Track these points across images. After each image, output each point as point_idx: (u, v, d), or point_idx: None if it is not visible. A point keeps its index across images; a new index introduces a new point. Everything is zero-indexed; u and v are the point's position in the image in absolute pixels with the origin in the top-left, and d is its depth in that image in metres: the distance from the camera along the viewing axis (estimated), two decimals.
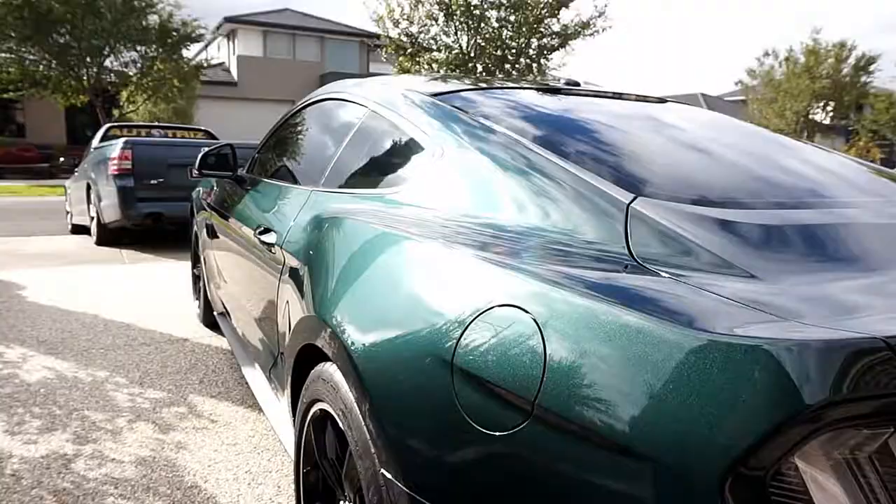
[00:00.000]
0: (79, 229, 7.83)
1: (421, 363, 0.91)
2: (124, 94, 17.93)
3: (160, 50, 17.09)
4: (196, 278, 3.67)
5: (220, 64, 26.04)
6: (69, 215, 8.23)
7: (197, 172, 2.48)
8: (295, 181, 2.01)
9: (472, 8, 13.75)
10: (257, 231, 1.89)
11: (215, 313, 3.15)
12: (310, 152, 2.12)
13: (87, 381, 2.70)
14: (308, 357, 1.38)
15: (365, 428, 1.03)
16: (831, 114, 26.06)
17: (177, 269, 5.24)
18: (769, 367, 0.58)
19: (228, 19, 26.25)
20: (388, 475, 0.94)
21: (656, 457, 0.62)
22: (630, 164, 1.14)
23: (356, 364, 1.03)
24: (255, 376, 2.25)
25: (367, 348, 1.03)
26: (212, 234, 2.78)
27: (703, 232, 0.86)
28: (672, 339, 0.65)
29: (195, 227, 3.46)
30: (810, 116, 25.10)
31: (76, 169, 7.70)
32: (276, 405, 1.95)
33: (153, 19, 16.81)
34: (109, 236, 6.16)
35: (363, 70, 29.30)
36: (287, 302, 1.58)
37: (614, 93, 1.87)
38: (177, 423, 2.35)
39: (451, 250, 1.00)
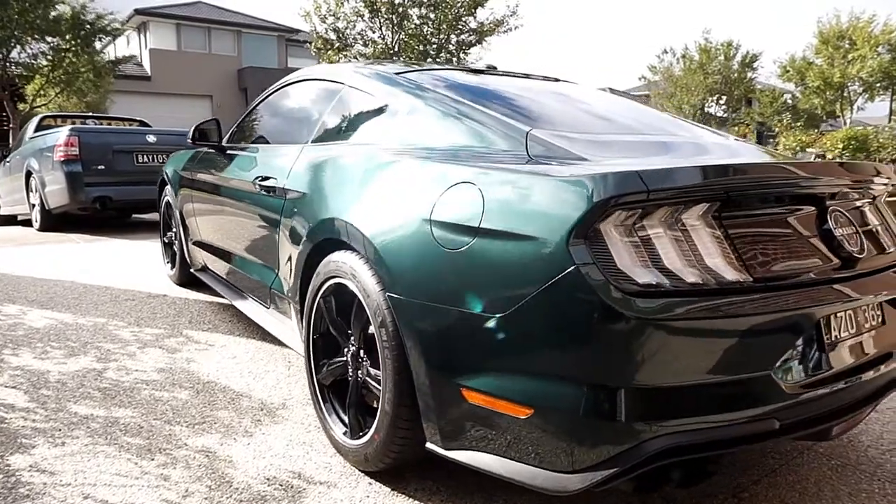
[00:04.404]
0: (6, 220, 7.86)
1: (409, 223, 1.55)
2: (31, 87, 17.22)
3: (72, 42, 16.56)
4: (167, 245, 4.11)
5: (132, 57, 25.20)
6: None
7: (191, 142, 2.99)
8: (282, 142, 2.59)
9: (395, 5, 14.43)
10: (257, 180, 2.46)
11: (193, 270, 3.64)
12: (294, 120, 2.70)
13: (89, 325, 3.14)
14: (314, 256, 1.98)
15: (374, 277, 1.65)
16: (723, 107, 28.55)
17: (131, 247, 5.57)
18: (585, 186, 1.26)
19: (139, 11, 25.46)
20: (393, 294, 1.57)
21: (539, 235, 1.28)
22: (528, 112, 1.88)
23: (367, 237, 1.66)
24: (247, 305, 2.81)
25: (375, 226, 1.65)
26: (198, 198, 3.28)
27: (562, 143, 1.56)
28: (545, 183, 1.33)
29: (167, 199, 3.91)
30: (706, 110, 27.42)
31: (6, 160, 7.71)
32: (274, 318, 2.52)
33: (64, 10, 16.26)
34: (53, 221, 6.36)
35: (282, 65, 29.15)
36: (292, 224, 2.17)
37: (520, 73, 2.60)
38: (180, 347, 2.86)
39: (426, 161, 1.65)
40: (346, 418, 1.89)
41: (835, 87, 24.39)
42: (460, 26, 15.33)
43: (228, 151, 3.02)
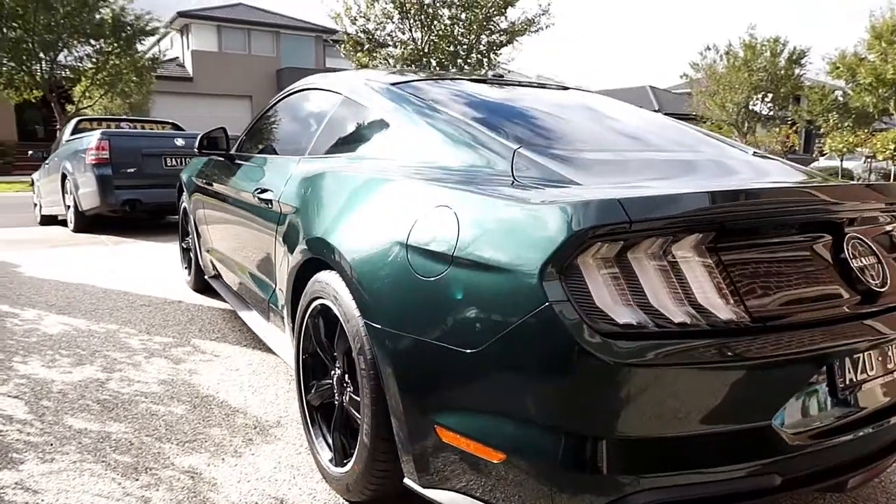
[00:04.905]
0: (48, 220, 8.09)
1: (386, 247, 1.47)
2: (78, 89, 17.80)
3: (115, 44, 17.06)
4: (185, 250, 4.13)
5: (175, 59, 25.84)
6: (37, 207, 8.46)
7: (197, 151, 2.98)
8: (283, 153, 2.54)
9: (425, 6, 14.38)
10: (256, 192, 2.42)
11: (206, 277, 3.64)
12: (295, 130, 2.65)
13: (101, 332, 3.17)
14: (304, 274, 1.92)
15: (354, 301, 1.58)
16: (769, 105, 27.52)
17: (157, 249, 5.65)
18: (559, 216, 1.15)
19: (182, 14, 26.06)
20: (370, 322, 1.49)
21: (512, 268, 1.18)
22: (519, 128, 1.76)
23: (347, 259, 1.58)
24: (251, 316, 2.77)
25: (355, 247, 1.58)
26: (208, 206, 3.27)
27: (551, 164, 1.45)
28: (518, 211, 1.23)
29: (184, 205, 3.93)
30: (751, 108, 26.49)
31: (45, 162, 7.95)
32: (273, 331, 2.48)
33: (106, 13, 16.75)
34: (87, 222, 6.51)
35: (320, 65, 29.43)
36: (285, 239, 2.12)
37: (533, 82, 2.48)
38: (186, 357, 2.85)
39: (407, 180, 1.57)
40: (331, 443, 1.83)
41: (888, 83, 23.24)
42: (491, 26, 15.15)
43: (235, 161, 3.00)
